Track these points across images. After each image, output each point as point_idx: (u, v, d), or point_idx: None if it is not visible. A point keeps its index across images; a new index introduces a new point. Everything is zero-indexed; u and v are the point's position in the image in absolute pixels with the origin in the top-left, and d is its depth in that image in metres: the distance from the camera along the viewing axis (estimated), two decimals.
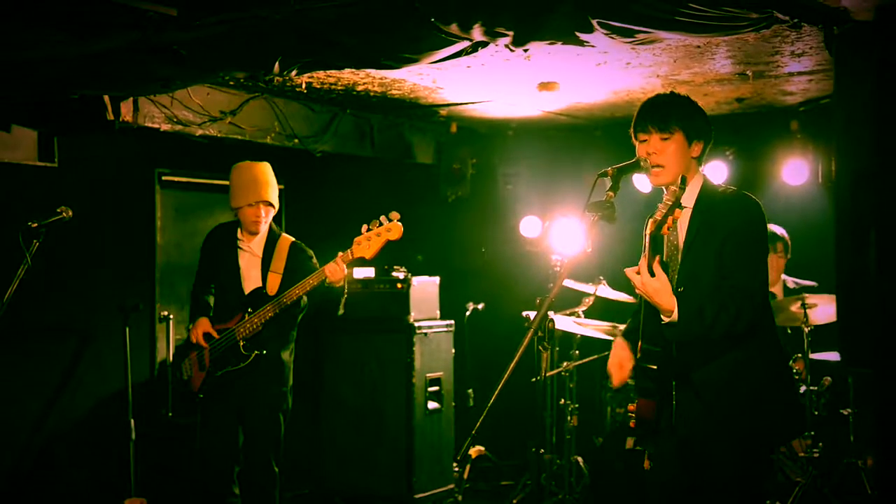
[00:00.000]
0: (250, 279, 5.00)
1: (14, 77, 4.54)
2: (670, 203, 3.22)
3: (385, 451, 6.59)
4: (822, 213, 6.70)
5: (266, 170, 5.01)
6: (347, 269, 4.75)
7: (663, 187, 3.53)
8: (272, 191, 5.00)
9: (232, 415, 4.95)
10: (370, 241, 4.65)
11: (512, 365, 3.28)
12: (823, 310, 5.83)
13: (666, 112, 3.52)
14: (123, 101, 5.34)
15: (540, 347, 3.48)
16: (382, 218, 4.64)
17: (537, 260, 7.26)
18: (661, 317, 3.28)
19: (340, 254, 4.73)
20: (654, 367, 3.38)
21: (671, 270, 3.48)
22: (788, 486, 5.66)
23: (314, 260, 5.07)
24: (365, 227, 4.66)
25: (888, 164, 3.85)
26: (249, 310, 4.89)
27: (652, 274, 3.25)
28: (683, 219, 3.48)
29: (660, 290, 3.23)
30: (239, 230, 5.07)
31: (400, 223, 4.65)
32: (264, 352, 4.89)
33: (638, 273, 3.26)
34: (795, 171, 6.76)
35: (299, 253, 5.05)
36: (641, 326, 3.49)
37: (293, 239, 5.10)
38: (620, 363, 3.65)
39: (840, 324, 4.04)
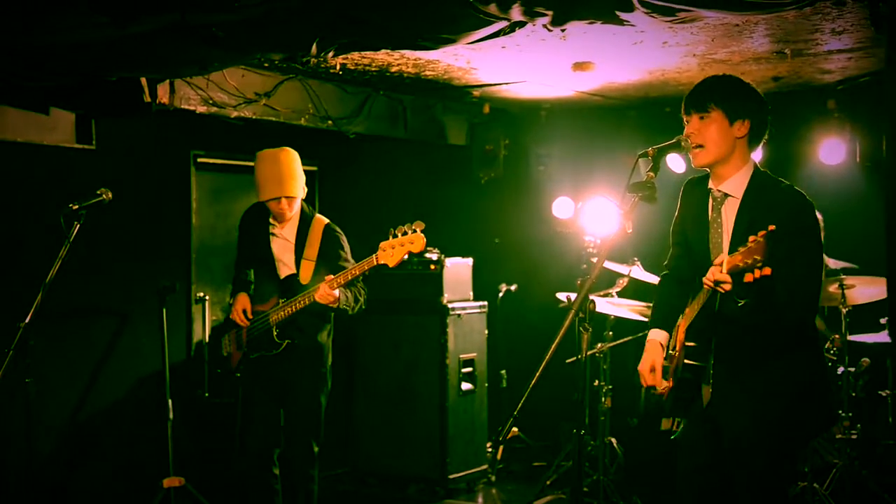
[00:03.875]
0: (284, 264, 5.00)
1: (53, 60, 4.56)
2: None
3: (419, 432, 6.63)
4: (859, 193, 6.73)
5: (289, 160, 4.90)
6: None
7: (706, 169, 3.51)
8: (296, 183, 4.90)
9: (273, 396, 4.96)
10: (394, 249, 4.62)
11: (553, 346, 3.34)
12: (862, 290, 5.78)
13: (705, 92, 3.47)
14: (160, 84, 5.36)
15: (581, 329, 3.53)
16: (407, 227, 4.61)
17: (570, 241, 7.24)
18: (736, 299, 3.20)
19: (331, 277, 4.69)
20: (697, 363, 3.42)
21: (713, 257, 3.45)
22: (825, 469, 5.64)
23: (344, 247, 5.03)
24: (392, 231, 4.63)
25: None
26: (283, 299, 4.90)
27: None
28: (731, 207, 3.44)
29: None
30: (270, 217, 5.05)
31: (423, 234, 4.63)
32: (296, 341, 4.89)
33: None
34: (832, 151, 6.68)
35: (331, 239, 5.00)
36: (692, 320, 3.49)
37: (326, 221, 5.04)
38: (653, 364, 3.68)
39: (890, 303, 3.97)
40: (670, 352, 3.67)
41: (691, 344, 3.53)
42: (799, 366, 3.40)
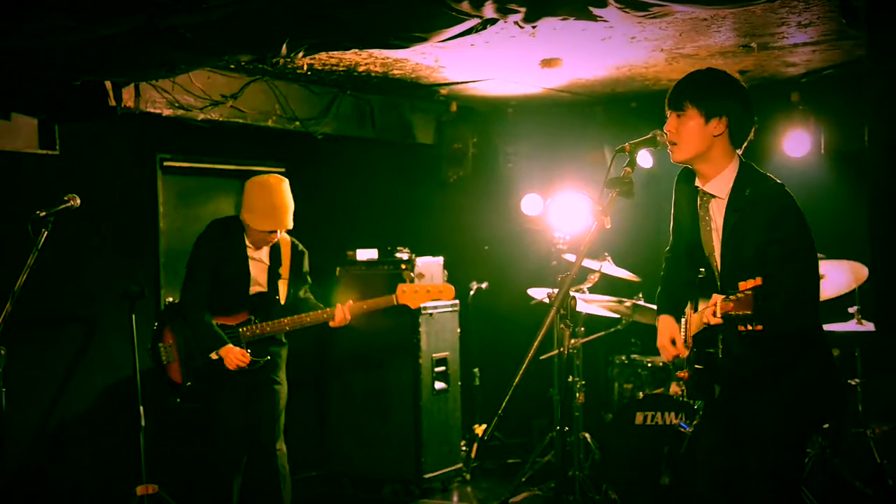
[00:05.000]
0: (258, 283, 5.08)
1: (17, 65, 4.48)
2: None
3: (393, 432, 6.61)
4: (823, 185, 6.78)
5: (286, 191, 5.01)
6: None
7: (687, 165, 3.53)
8: (291, 215, 5.02)
9: (239, 402, 5.04)
10: (417, 293, 5.13)
11: (536, 343, 3.29)
12: (831, 280, 5.77)
13: (683, 89, 3.47)
14: (125, 87, 5.29)
15: (562, 325, 3.50)
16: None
17: (539, 238, 7.24)
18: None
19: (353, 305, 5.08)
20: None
21: (707, 253, 3.51)
22: None
23: (307, 262, 5.24)
24: (408, 275, 5.09)
25: None
26: (254, 317, 5.00)
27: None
28: (718, 207, 3.43)
29: None
30: (245, 236, 5.06)
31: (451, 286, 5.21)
32: (268, 357, 5.01)
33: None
34: (796, 143, 6.74)
35: (299, 256, 5.19)
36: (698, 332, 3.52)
37: (290, 239, 5.18)
38: (672, 336, 3.65)
39: (875, 291, 4.01)
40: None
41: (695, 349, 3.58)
42: (806, 363, 3.40)
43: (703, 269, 3.56)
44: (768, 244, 3.24)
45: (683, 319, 3.66)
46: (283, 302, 5.05)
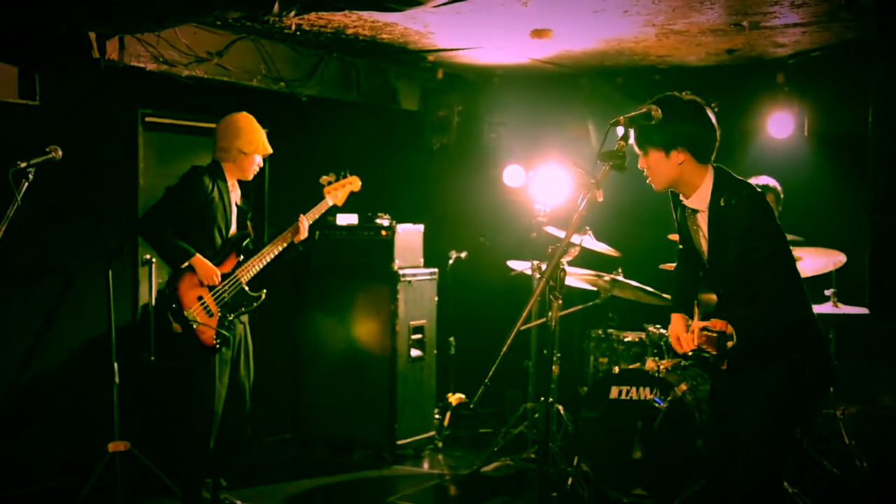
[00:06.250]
0: (234, 224, 5.16)
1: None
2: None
3: (367, 398, 6.62)
4: (806, 167, 6.86)
5: None
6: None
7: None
8: None
9: (227, 367, 5.10)
10: (338, 191, 5.31)
11: (525, 313, 3.37)
12: (808, 263, 5.79)
13: (639, 135, 3.70)
14: (109, 39, 5.21)
15: (551, 297, 3.60)
16: (332, 175, 5.29)
17: (521, 209, 7.22)
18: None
19: (308, 215, 5.21)
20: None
21: (702, 256, 3.81)
22: None
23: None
24: (325, 178, 5.26)
25: None
26: (242, 257, 5.05)
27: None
28: (703, 218, 3.72)
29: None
30: (227, 175, 5.12)
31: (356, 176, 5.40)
32: (265, 290, 5.10)
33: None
34: (780, 125, 6.80)
35: (241, 187, 5.31)
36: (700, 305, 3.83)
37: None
38: (678, 335, 3.86)
39: (871, 277, 4.03)
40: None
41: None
42: (797, 345, 3.66)
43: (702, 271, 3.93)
44: (747, 252, 3.56)
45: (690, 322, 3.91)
46: (253, 236, 5.20)
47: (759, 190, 3.73)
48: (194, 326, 4.94)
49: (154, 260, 6.23)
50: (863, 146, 4.09)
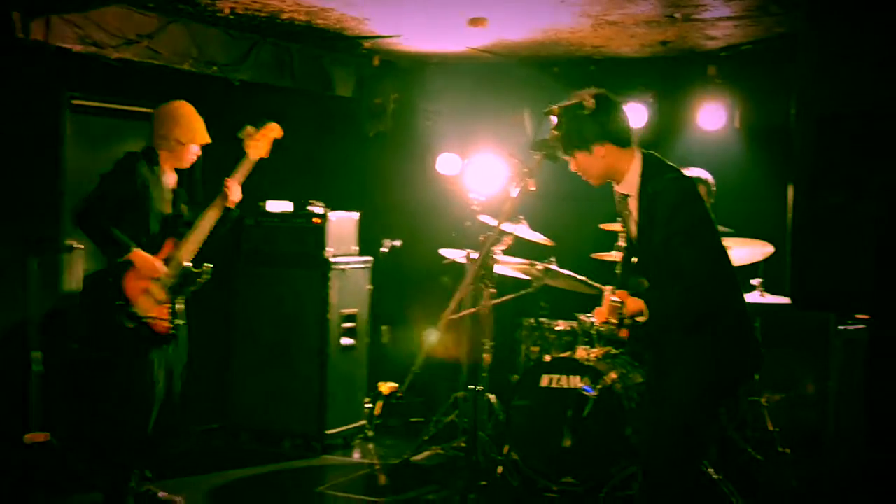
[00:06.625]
0: (170, 209, 5.13)
1: None
2: None
3: (297, 387, 6.58)
4: (736, 159, 6.96)
5: None
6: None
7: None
8: None
9: (165, 356, 5.06)
10: (259, 142, 5.20)
11: (454, 302, 3.42)
12: (736, 252, 5.75)
13: (560, 147, 3.76)
14: (34, 19, 5.08)
15: (482, 285, 3.55)
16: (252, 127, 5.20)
17: (454, 198, 7.18)
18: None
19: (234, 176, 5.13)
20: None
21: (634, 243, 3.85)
22: None
23: None
24: (244, 131, 5.18)
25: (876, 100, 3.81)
26: (176, 238, 5.01)
27: None
28: (633, 203, 3.75)
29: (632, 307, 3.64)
30: (162, 162, 5.09)
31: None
32: (211, 265, 5.02)
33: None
34: (711, 116, 6.91)
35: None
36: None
37: None
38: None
39: (792, 268, 4.09)
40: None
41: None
42: (710, 331, 3.67)
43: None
44: (669, 237, 3.58)
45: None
46: (186, 215, 5.15)
47: (687, 176, 3.78)
48: (149, 322, 4.90)
49: (80, 247, 6.12)
50: (790, 138, 4.16)
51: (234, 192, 5.12)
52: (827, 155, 3.79)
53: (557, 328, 6.46)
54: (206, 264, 5.02)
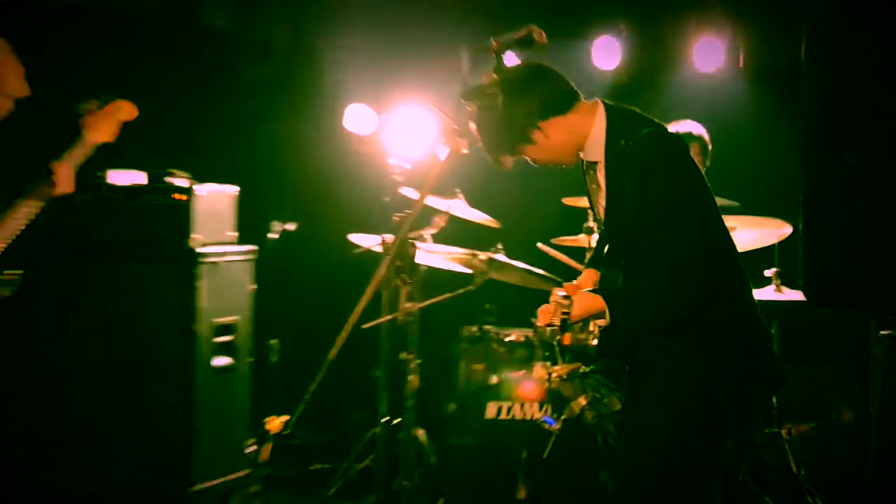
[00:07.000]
0: None
1: None
2: None
3: (152, 425, 6.26)
4: (740, 110, 7.04)
5: None
6: None
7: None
8: None
9: None
10: (103, 122, 4.99)
11: (361, 304, 3.35)
12: (743, 235, 5.83)
13: (505, 141, 3.80)
14: None
15: (398, 281, 3.79)
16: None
17: (369, 165, 7.06)
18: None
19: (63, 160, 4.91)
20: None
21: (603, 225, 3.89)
22: None
23: None
24: (85, 105, 4.94)
25: None
26: None
27: None
28: (601, 171, 3.70)
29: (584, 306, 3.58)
30: None
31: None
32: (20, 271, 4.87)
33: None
34: (708, 54, 7.02)
35: None
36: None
37: None
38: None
39: (805, 250, 3.94)
40: None
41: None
42: (714, 353, 3.61)
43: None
44: (643, 207, 3.53)
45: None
46: None
47: (672, 132, 3.73)
48: None
49: None
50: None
51: (66, 181, 4.88)
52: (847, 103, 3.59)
53: (508, 339, 6.45)
54: (6, 271, 4.74)
